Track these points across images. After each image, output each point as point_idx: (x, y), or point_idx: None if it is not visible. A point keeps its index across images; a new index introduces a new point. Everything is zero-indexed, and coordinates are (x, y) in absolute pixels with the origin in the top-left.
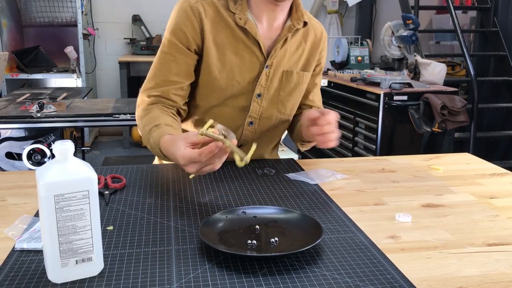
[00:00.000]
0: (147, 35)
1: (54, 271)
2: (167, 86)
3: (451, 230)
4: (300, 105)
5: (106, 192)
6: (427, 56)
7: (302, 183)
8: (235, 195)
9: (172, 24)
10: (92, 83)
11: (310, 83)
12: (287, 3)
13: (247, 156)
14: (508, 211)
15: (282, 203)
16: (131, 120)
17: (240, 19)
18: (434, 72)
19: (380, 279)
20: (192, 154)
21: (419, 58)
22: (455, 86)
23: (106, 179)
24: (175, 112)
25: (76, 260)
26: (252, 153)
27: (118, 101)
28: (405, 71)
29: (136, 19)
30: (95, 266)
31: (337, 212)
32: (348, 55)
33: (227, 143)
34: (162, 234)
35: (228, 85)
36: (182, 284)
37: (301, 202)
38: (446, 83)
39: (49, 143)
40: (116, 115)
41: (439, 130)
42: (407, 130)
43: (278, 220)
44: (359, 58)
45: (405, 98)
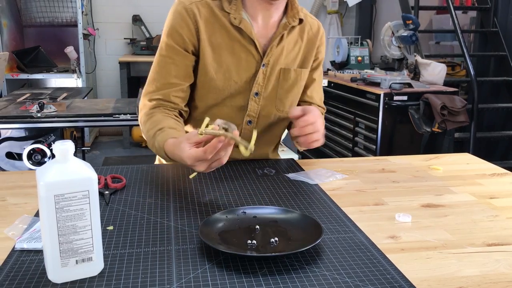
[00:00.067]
0: (147, 35)
1: (54, 271)
2: (168, 88)
3: (451, 230)
4: (299, 102)
5: (106, 192)
6: (427, 56)
7: (302, 183)
8: (235, 195)
9: (168, 27)
10: (92, 83)
11: (308, 79)
12: (282, 2)
13: (250, 144)
14: (508, 211)
15: (282, 203)
16: (131, 120)
17: (235, 19)
18: (434, 72)
19: (380, 279)
20: (198, 153)
21: (419, 58)
22: (455, 86)
23: (106, 179)
24: (177, 114)
25: (76, 260)
26: (254, 140)
27: (118, 101)
28: (405, 71)
29: (136, 19)
30: (95, 266)
31: (337, 212)
32: (348, 55)
33: (229, 136)
34: (162, 234)
35: (225, 85)
36: (182, 284)
37: (301, 202)
38: (446, 83)
39: (49, 143)
40: (116, 115)
41: (439, 130)
42: (407, 130)
43: (278, 220)
44: (359, 58)
45: (405, 98)
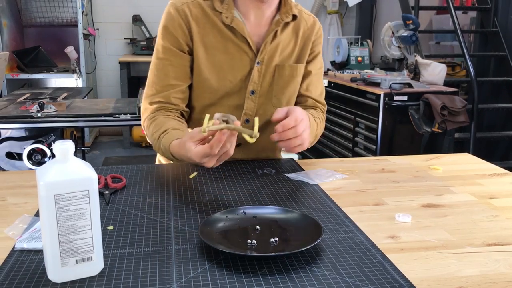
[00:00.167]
0: (147, 35)
1: (54, 270)
2: (167, 90)
3: (451, 230)
4: (297, 95)
5: (106, 192)
6: (427, 57)
7: (302, 183)
8: (235, 195)
9: (162, 29)
10: (93, 83)
11: (304, 72)
12: (274, 0)
13: (254, 131)
14: (507, 211)
15: (282, 203)
16: (131, 120)
17: (226, 18)
18: (434, 72)
19: (380, 279)
20: (205, 150)
21: (419, 59)
22: (455, 86)
23: (106, 179)
24: (179, 115)
25: (76, 260)
26: (257, 126)
27: (118, 101)
28: (405, 72)
29: (136, 19)
30: (95, 266)
31: (337, 212)
32: (348, 55)
33: (231, 127)
34: (162, 234)
35: (219, 84)
36: (182, 284)
37: (301, 202)
38: (446, 84)
39: (49, 143)
40: (116, 115)
41: (439, 131)
42: (407, 130)
43: (278, 220)
44: (359, 59)
45: (405, 98)
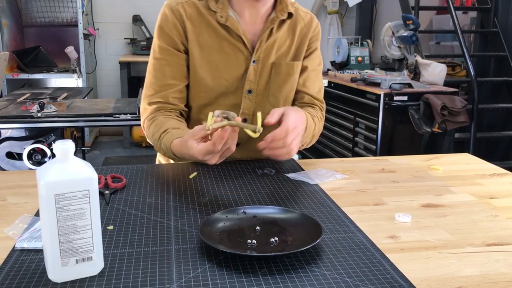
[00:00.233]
0: (148, 35)
1: (54, 270)
2: (165, 90)
3: (451, 230)
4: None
5: (107, 191)
6: (427, 57)
7: (302, 183)
8: (235, 195)
9: (158, 29)
10: (93, 83)
11: (301, 68)
12: None
13: (258, 126)
14: (507, 211)
15: (282, 203)
16: (131, 120)
17: (221, 17)
18: (434, 72)
19: (380, 279)
20: (208, 147)
21: (419, 59)
22: (455, 86)
23: (106, 179)
24: (178, 115)
25: (76, 260)
26: (260, 121)
27: (118, 101)
28: (405, 72)
29: (136, 19)
30: (95, 266)
31: (337, 212)
32: (349, 56)
33: (233, 124)
34: (162, 234)
35: (215, 84)
36: (182, 284)
37: (301, 202)
38: (446, 84)
39: (49, 143)
40: (117, 115)
41: (439, 131)
42: (407, 130)
43: (278, 220)
44: (359, 59)
45: (405, 98)
